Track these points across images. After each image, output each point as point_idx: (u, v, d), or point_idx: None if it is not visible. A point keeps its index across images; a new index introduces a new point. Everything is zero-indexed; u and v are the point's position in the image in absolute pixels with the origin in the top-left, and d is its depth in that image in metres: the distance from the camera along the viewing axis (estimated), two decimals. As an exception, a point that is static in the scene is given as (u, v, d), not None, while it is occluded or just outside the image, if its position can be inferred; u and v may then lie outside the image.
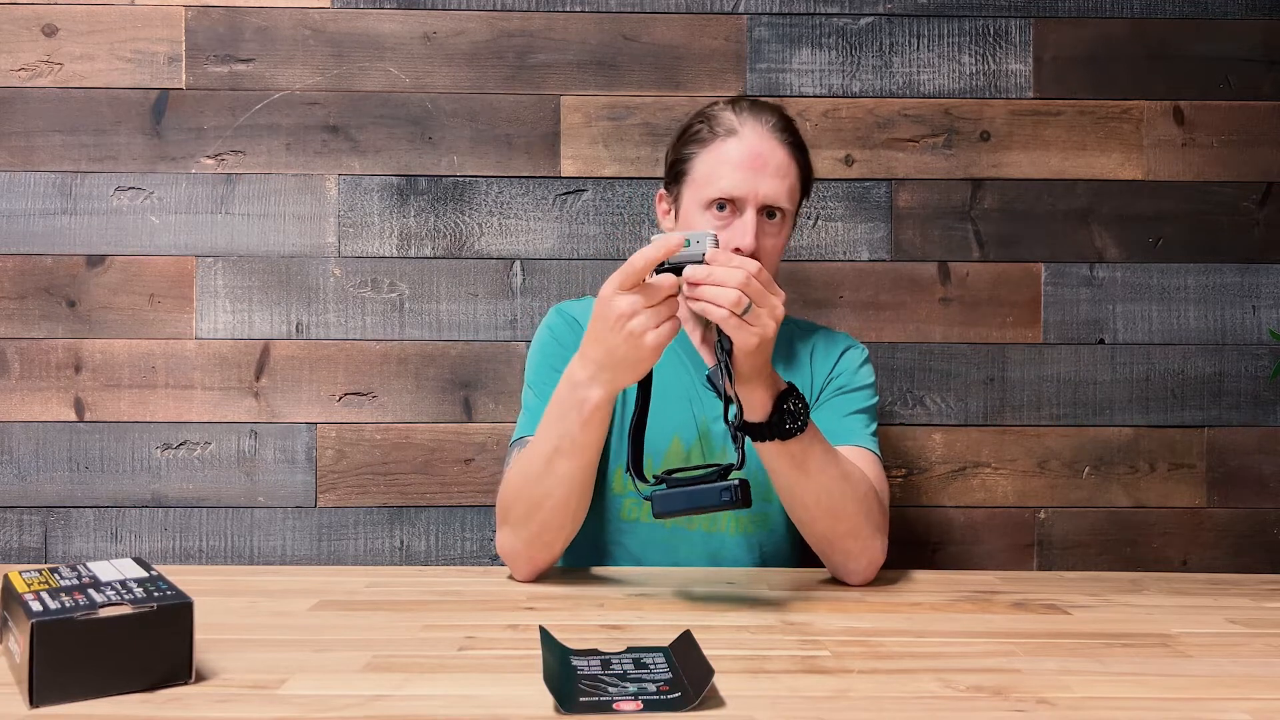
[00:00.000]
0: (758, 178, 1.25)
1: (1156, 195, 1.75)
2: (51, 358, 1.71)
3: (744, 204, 1.25)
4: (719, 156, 1.27)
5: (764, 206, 1.26)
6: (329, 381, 1.72)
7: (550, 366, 1.32)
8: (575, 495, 1.15)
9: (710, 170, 1.27)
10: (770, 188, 1.25)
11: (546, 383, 1.31)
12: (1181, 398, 1.75)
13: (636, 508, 1.32)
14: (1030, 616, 1.05)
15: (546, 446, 1.14)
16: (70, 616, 0.73)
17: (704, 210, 1.27)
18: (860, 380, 1.37)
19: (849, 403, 1.34)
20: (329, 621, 1.00)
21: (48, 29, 1.71)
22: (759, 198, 1.25)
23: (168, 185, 1.72)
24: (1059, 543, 1.75)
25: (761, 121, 1.28)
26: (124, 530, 1.71)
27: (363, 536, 1.72)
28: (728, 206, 1.26)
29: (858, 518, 1.16)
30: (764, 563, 1.35)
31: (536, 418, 1.27)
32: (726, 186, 1.25)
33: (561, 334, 1.35)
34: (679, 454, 1.32)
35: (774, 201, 1.25)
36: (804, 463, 1.12)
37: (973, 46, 1.74)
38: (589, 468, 1.15)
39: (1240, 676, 0.84)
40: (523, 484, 1.17)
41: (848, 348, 1.41)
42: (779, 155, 1.27)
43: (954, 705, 0.76)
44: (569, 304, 1.41)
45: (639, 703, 0.74)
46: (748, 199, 1.24)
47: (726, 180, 1.25)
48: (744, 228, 1.24)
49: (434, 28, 1.73)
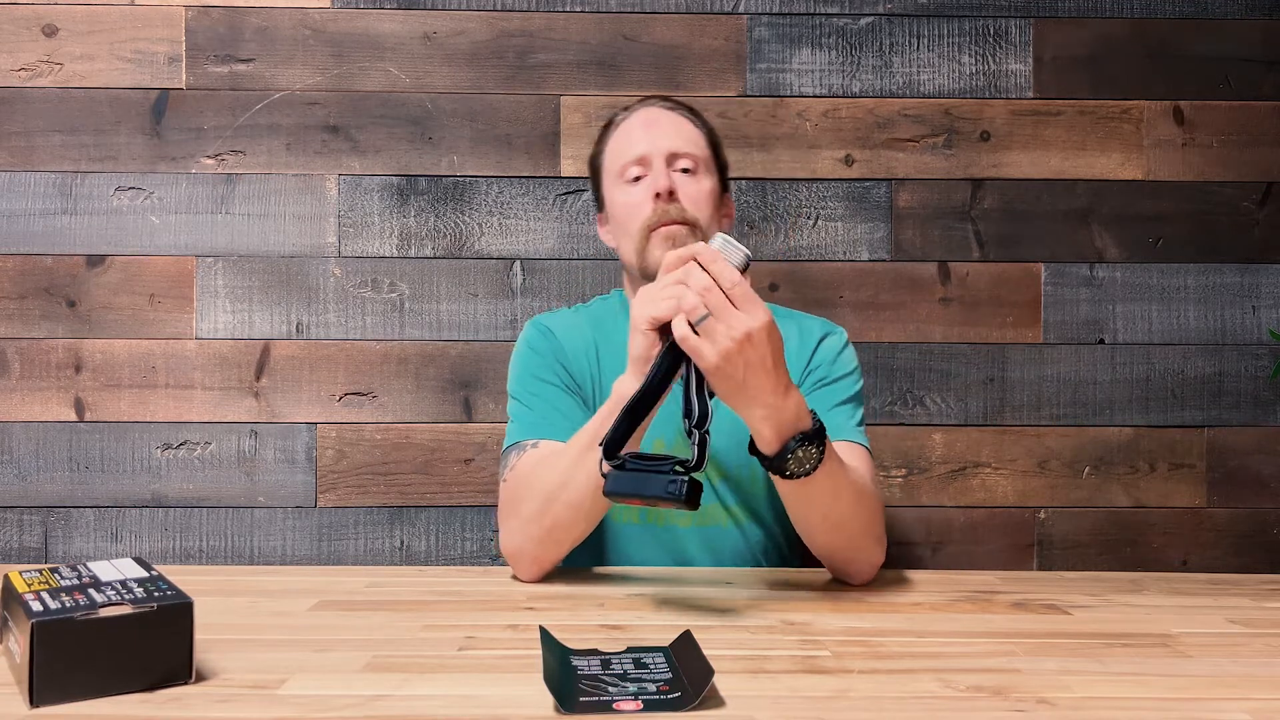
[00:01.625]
0: (653, 134, 1.33)
1: (1156, 195, 1.75)
2: (52, 358, 1.71)
3: (650, 158, 1.32)
4: (617, 138, 1.37)
5: (671, 157, 1.32)
6: (329, 381, 1.72)
7: (531, 374, 1.32)
8: (593, 493, 1.14)
9: (615, 149, 1.36)
10: (668, 140, 1.33)
11: (531, 390, 1.31)
12: (1181, 398, 1.75)
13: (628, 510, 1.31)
14: (1030, 616, 1.05)
15: (582, 439, 1.13)
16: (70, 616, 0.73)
17: (623, 184, 1.34)
18: (841, 369, 1.34)
19: (832, 395, 1.31)
20: (329, 621, 1.00)
21: (48, 29, 1.71)
22: (660, 149, 1.32)
23: (168, 185, 1.72)
24: (1059, 543, 1.75)
25: (650, 103, 1.38)
26: (124, 530, 1.71)
27: (363, 536, 1.72)
28: (641, 175, 1.32)
29: (862, 534, 1.15)
30: (758, 556, 1.34)
31: (527, 424, 1.27)
32: (630, 152, 1.33)
33: (537, 343, 1.36)
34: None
35: (677, 149, 1.32)
36: (809, 496, 1.10)
37: (973, 46, 1.74)
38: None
39: (1240, 676, 0.84)
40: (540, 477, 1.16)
41: (824, 335, 1.37)
42: (671, 116, 1.36)
43: (954, 705, 0.76)
44: (543, 316, 1.43)
45: (639, 703, 0.73)
46: (650, 154, 1.32)
47: (629, 146, 1.34)
48: (655, 174, 1.31)
49: (434, 28, 1.73)
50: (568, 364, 1.33)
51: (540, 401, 1.29)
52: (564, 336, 1.36)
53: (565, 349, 1.34)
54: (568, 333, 1.37)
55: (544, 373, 1.33)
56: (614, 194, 1.36)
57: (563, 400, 1.30)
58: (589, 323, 1.39)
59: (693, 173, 1.32)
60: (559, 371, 1.32)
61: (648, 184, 1.31)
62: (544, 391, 1.31)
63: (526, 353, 1.36)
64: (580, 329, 1.38)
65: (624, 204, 1.33)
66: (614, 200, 1.36)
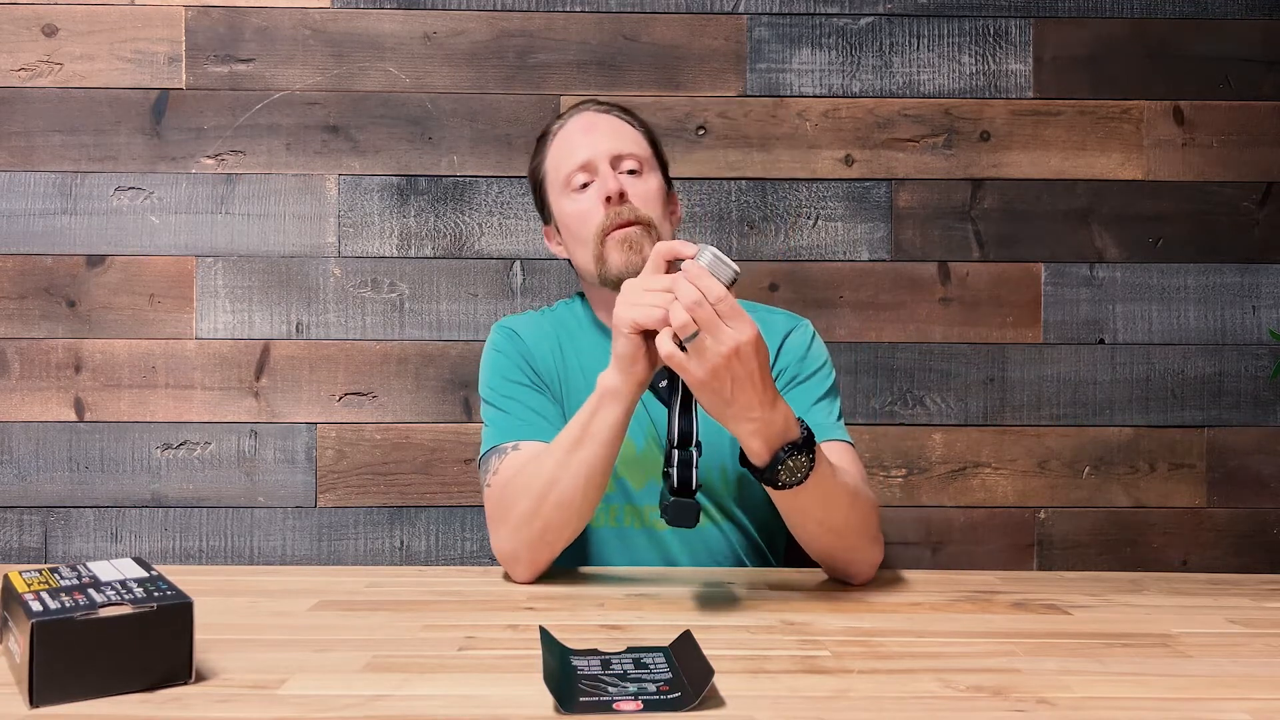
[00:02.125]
0: (595, 137, 1.31)
1: (1156, 195, 1.75)
2: (51, 358, 1.71)
3: (595, 163, 1.30)
4: (556, 147, 1.34)
5: (615, 159, 1.30)
6: (329, 381, 1.72)
7: (502, 376, 1.31)
8: (583, 491, 1.14)
9: (556, 158, 1.34)
10: (610, 142, 1.31)
11: (504, 393, 1.30)
12: (1181, 398, 1.75)
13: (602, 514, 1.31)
14: (1030, 616, 1.05)
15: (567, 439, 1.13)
16: (70, 616, 0.73)
17: (568, 192, 1.31)
18: (813, 364, 1.32)
19: (807, 392, 1.29)
20: (329, 621, 1.00)
21: (48, 29, 1.71)
22: (602, 151, 1.30)
23: (168, 185, 1.72)
24: (1059, 543, 1.75)
25: (583, 109, 1.36)
26: (124, 530, 1.71)
27: (363, 536, 1.72)
28: (587, 182, 1.30)
29: (858, 535, 1.15)
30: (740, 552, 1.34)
31: (504, 428, 1.26)
32: (573, 157, 1.31)
33: (503, 345, 1.35)
34: (632, 457, 1.31)
35: (620, 150, 1.30)
36: (803, 505, 1.09)
37: (973, 46, 1.74)
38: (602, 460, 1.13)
39: (1240, 676, 0.84)
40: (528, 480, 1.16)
41: (789, 331, 1.35)
42: (607, 119, 1.34)
43: (954, 705, 0.76)
44: (507, 319, 1.41)
45: (639, 703, 0.73)
46: (594, 159, 1.30)
47: (571, 153, 1.31)
48: (602, 179, 1.29)
49: (434, 28, 1.73)
50: (534, 364, 1.33)
51: (515, 404, 1.28)
52: (529, 337, 1.35)
53: (531, 349, 1.33)
54: (532, 333, 1.35)
55: (514, 374, 1.32)
56: (562, 204, 1.33)
57: (536, 400, 1.29)
58: (552, 324, 1.39)
59: (638, 173, 1.31)
60: (528, 371, 1.31)
61: (596, 189, 1.28)
62: (517, 393, 1.29)
63: (495, 356, 1.35)
64: (544, 329, 1.37)
65: (574, 213, 1.30)
66: (563, 210, 1.33)
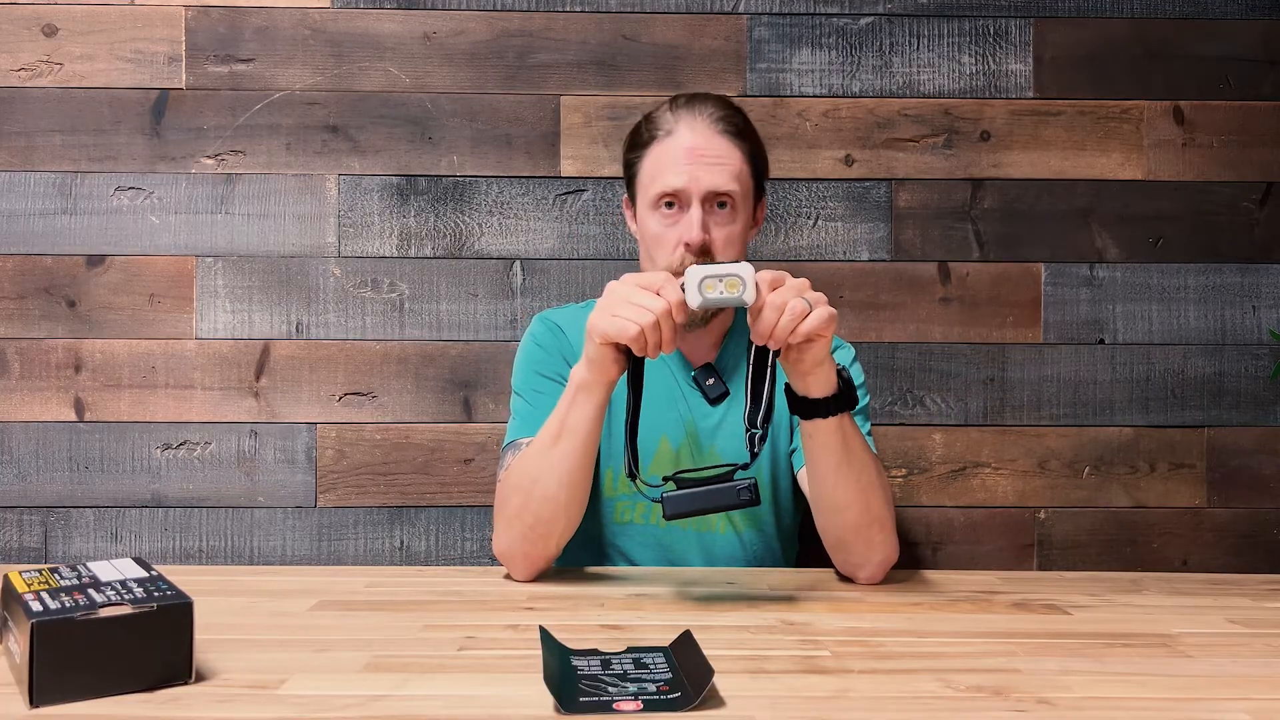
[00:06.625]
0: (696, 169, 1.27)
1: (1156, 195, 1.75)
2: (51, 358, 1.71)
3: (687, 197, 1.27)
4: (658, 156, 1.30)
5: (710, 195, 1.27)
6: (329, 381, 1.72)
7: (536, 371, 1.33)
8: (565, 484, 1.16)
9: (652, 171, 1.30)
10: (711, 177, 1.27)
11: (534, 387, 1.32)
12: (1181, 398, 1.75)
13: (630, 509, 1.32)
14: (1030, 616, 1.05)
15: (546, 434, 1.17)
16: (70, 616, 0.73)
17: (654, 210, 1.30)
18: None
19: None
20: (329, 621, 1.00)
21: (48, 29, 1.71)
22: (701, 188, 1.27)
23: (168, 185, 1.72)
24: (1059, 543, 1.75)
25: (696, 115, 1.30)
26: (124, 530, 1.71)
27: (363, 536, 1.72)
28: (675, 203, 1.28)
29: (886, 505, 1.19)
30: (751, 562, 1.35)
31: (527, 422, 1.28)
32: (667, 183, 1.27)
33: (544, 339, 1.36)
34: (668, 454, 1.32)
35: (717, 188, 1.27)
36: (849, 441, 1.14)
37: (973, 46, 1.74)
38: (580, 454, 1.15)
39: (1240, 676, 0.84)
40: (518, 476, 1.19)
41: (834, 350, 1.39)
42: (716, 144, 1.29)
43: (954, 705, 0.76)
44: (551, 311, 1.43)
45: (639, 703, 0.74)
46: (690, 191, 1.27)
47: (667, 177, 1.28)
48: (689, 222, 1.26)
49: (434, 28, 1.73)
50: (573, 360, 1.33)
51: (542, 398, 1.29)
52: (571, 333, 1.36)
53: (574, 345, 1.34)
54: (575, 329, 1.37)
55: (548, 370, 1.33)
56: (646, 213, 1.31)
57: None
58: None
59: (729, 208, 1.29)
60: (564, 369, 1.32)
61: (681, 228, 1.27)
62: (546, 388, 1.31)
63: (533, 349, 1.36)
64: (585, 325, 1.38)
65: (654, 234, 1.30)
66: (645, 218, 1.32)
